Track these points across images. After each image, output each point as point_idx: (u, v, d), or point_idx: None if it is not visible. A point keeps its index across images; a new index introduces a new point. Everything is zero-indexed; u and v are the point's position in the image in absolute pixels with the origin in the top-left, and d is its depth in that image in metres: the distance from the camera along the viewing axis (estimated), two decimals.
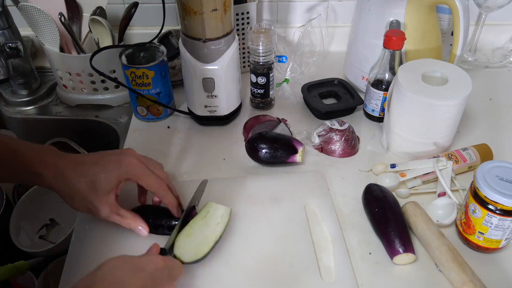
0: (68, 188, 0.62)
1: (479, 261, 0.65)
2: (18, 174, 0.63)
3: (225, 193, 0.75)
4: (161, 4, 0.86)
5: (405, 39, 0.82)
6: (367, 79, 0.92)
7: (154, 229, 0.67)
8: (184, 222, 0.65)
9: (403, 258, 0.65)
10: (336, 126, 0.84)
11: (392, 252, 0.65)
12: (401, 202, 0.72)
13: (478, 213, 0.63)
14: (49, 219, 0.92)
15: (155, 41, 0.91)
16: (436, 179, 0.77)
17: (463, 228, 0.67)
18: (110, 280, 0.49)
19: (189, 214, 0.67)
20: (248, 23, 1.01)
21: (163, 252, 0.59)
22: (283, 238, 0.68)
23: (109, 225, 0.68)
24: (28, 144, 0.64)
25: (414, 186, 0.78)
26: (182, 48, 0.83)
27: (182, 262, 0.61)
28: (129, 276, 0.51)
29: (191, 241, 0.63)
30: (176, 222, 0.66)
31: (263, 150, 0.78)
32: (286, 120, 0.88)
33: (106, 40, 0.97)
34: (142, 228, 0.65)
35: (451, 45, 0.89)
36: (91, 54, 0.86)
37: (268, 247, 0.67)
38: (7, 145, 0.63)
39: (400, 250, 0.64)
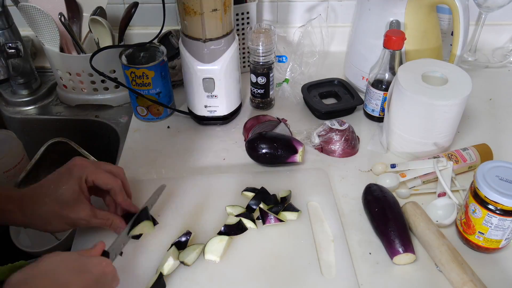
0: (39, 216, 0.61)
1: (479, 261, 0.65)
2: None
3: (226, 190, 0.75)
4: (161, 4, 0.86)
5: (405, 39, 0.82)
6: (367, 79, 0.92)
7: None
8: (135, 224, 0.64)
9: (403, 258, 0.65)
10: (336, 126, 0.84)
11: (392, 252, 0.65)
12: (401, 202, 0.72)
13: (478, 213, 0.63)
14: None
15: (155, 41, 0.91)
16: (436, 179, 0.77)
17: (463, 228, 0.67)
18: (51, 278, 0.47)
19: (140, 217, 0.65)
20: (248, 23, 1.01)
21: (105, 254, 0.57)
22: (285, 235, 0.68)
23: None
24: None
25: (414, 186, 0.78)
26: (182, 48, 0.83)
27: None
28: (74, 275, 0.48)
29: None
30: None
31: (263, 150, 0.78)
32: (286, 120, 0.88)
33: (106, 40, 0.97)
34: (118, 227, 0.65)
35: (451, 45, 0.89)
36: (91, 54, 0.86)
37: (269, 243, 0.67)
38: None
39: (400, 250, 0.64)
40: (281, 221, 0.69)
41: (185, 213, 0.72)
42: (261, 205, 0.71)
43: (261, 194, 0.73)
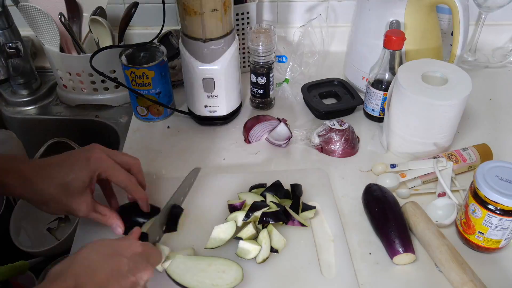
0: (38, 194, 0.60)
1: (479, 261, 0.65)
2: None
3: (227, 189, 0.75)
4: (161, 4, 0.86)
5: (405, 39, 0.82)
6: (367, 79, 0.92)
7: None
8: (168, 216, 0.65)
9: (403, 258, 0.65)
10: (336, 126, 0.84)
11: (392, 252, 0.65)
12: (401, 202, 0.72)
13: (478, 213, 0.63)
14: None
15: (155, 41, 0.91)
16: (436, 179, 0.77)
17: (463, 228, 0.67)
18: (85, 264, 0.49)
19: (173, 210, 0.66)
20: (248, 23, 1.01)
21: (144, 236, 0.58)
22: (285, 235, 0.67)
23: None
24: None
25: (414, 186, 0.78)
26: (182, 48, 0.83)
27: (174, 281, 0.59)
28: (104, 260, 0.50)
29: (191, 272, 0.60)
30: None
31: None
32: (286, 120, 0.88)
33: (106, 40, 0.98)
34: (116, 226, 0.65)
35: (451, 45, 0.89)
36: (91, 54, 0.86)
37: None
38: None
39: (400, 250, 0.64)
40: (303, 225, 0.68)
41: (185, 213, 0.71)
42: (278, 202, 0.70)
43: (275, 186, 0.72)
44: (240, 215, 0.67)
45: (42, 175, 0.60)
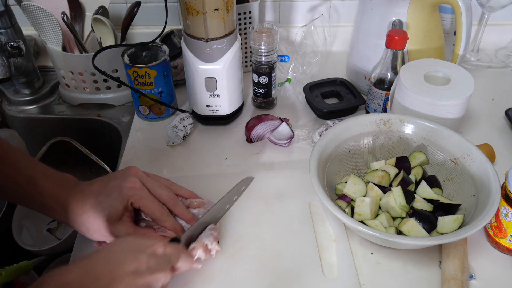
0: (80, 222, 0.60)
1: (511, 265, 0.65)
2: (35, 204, 0.62)
3: (228, 190, 0.75)
4: (164, 4, 0.86)
5: (408, 39, 0.82)
6: (369, 79, 0.91)
7: None
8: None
9: None
10: None
11: None
12: None
13: (511, 216, 0.62)
14: None
15: (158, 40, 0.91)
16: None
17: (494, 232, 0.66)
18: (106, 256, 0.50)
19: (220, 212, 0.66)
20: (250, 22, 1.01)
21: (175, 240, 0.58)
22: (287, 234, 0.68)
23: None
24: (44, 172, 0.62)
25: None
26: (184, 48, 0.83)
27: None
28: (125, 254, 0.51)
29: None
30: None
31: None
32: (288, 120, 0.88)
33: (108, 39, 0.98)
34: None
35: (453, 45, 0.89)
36: (93, 53, 0.87)
37: (271, 242, 0.67)
38: (23, 171, 0.61)
39: None
40: None
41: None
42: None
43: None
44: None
45: (83, 204, 0.60)
